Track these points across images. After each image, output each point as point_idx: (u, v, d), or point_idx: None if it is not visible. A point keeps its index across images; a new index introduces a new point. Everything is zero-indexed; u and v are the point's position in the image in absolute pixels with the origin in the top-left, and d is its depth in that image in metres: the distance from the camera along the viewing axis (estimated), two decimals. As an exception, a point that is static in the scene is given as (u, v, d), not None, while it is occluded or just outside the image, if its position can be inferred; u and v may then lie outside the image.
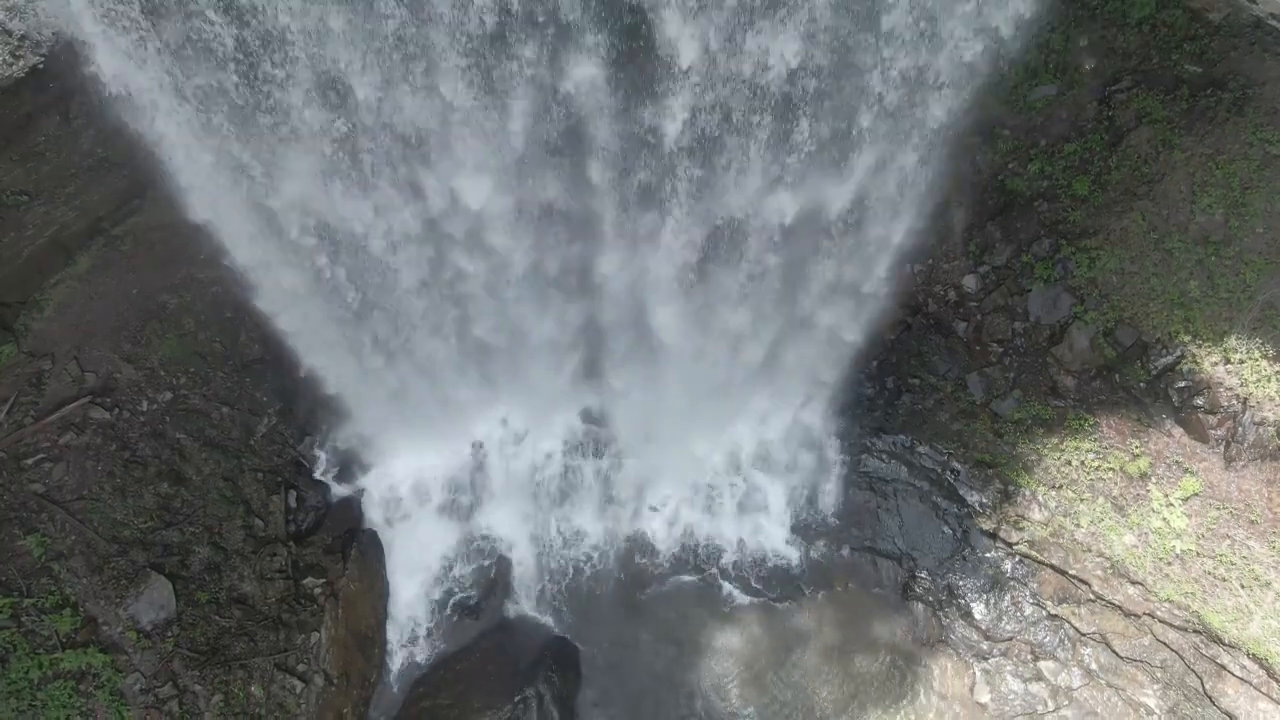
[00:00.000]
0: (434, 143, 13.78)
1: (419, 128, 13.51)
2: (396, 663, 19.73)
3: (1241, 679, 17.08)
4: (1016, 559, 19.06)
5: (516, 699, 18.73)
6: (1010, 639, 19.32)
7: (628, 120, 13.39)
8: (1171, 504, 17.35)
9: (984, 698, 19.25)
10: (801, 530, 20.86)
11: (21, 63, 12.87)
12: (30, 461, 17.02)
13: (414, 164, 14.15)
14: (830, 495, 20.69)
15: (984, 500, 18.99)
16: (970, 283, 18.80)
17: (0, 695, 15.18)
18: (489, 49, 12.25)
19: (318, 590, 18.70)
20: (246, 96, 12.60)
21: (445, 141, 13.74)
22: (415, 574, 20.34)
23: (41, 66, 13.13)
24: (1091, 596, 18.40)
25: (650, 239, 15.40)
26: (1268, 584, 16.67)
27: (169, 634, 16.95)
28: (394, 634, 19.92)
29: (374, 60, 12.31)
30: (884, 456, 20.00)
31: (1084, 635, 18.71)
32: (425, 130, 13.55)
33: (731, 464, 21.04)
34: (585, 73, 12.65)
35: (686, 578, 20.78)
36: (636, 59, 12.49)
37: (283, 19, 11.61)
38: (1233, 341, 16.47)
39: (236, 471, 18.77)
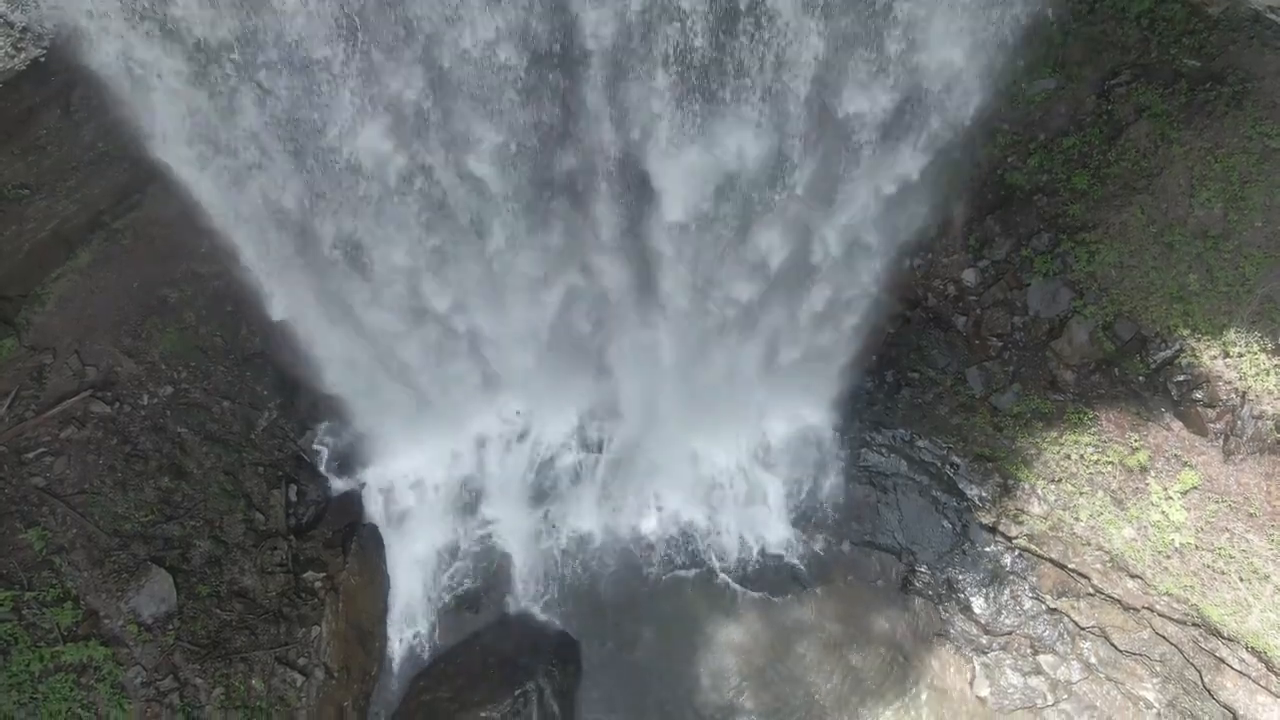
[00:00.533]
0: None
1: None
2: (397, 657, 19.77)
3: (1240, 672, 17.10)
4: (1016, 553, 19.09)
5: (517, 693, 18.73)
6: (1010, 633, 19.35)
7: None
8: (1170, 497, 17.38)
9: (983, 691, 19.28)
10: (801, 525, 20.87)
11: (23, 55, 12.86)
12: (31, 455, 17.06)
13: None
14: (830, 490, 20.71)
15: (983, 494, 19.02)
16: (970, 277, 18.82)
17: (1, 688, 15.20)
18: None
19: (318, 584, 18.74)
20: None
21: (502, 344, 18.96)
22: (416, 568, 20.35)
23: (43, 60, 13.17)
24: (1091, 590, 18.43)
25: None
26: (1266, 577, 16.69)
27: (170, 627, 16.99)
28: (394, 628, 19.96)
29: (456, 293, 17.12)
30: (883, 451, 20.02)
31: (1083, 629, 18.74)
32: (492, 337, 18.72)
33: (732, 459, 21.06)
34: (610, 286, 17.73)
35: (686, 572, 20.80)
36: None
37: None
38: (1232, 335, 16.48)
39: (237, 465, 18.80)
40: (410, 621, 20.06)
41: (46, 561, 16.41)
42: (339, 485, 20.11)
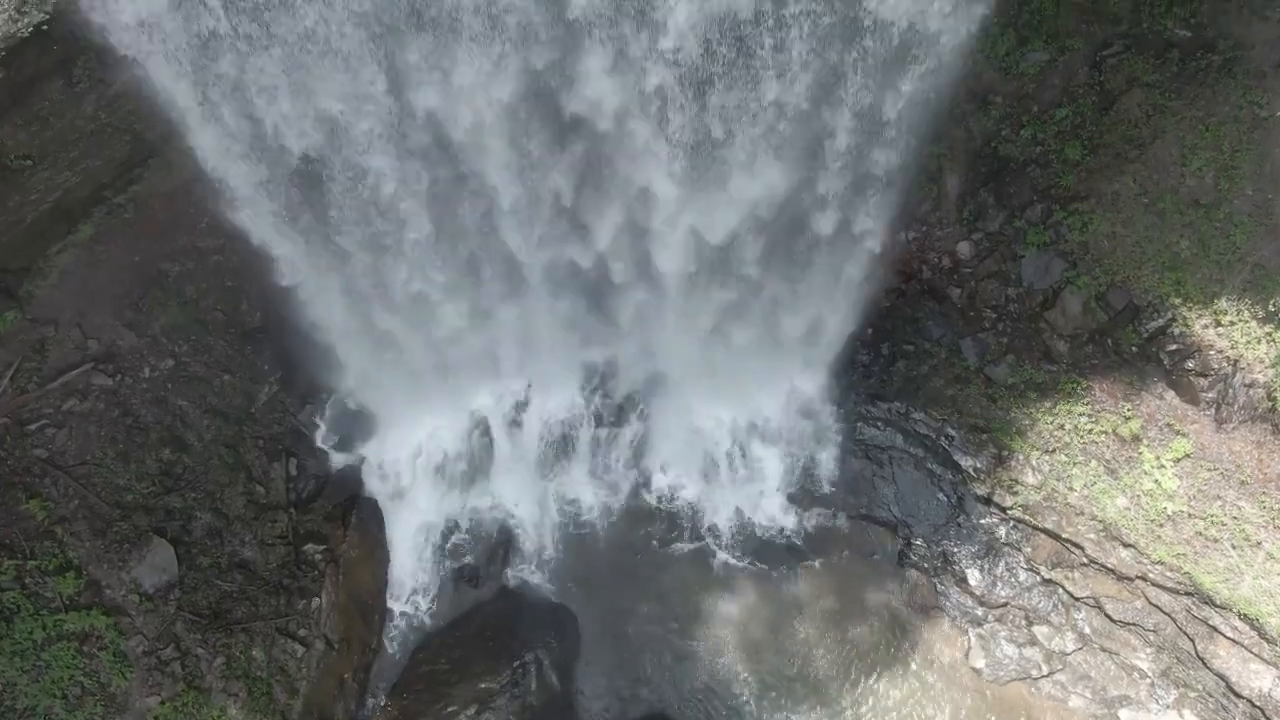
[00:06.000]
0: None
1: None
2: (397, 629, 19.92)
3: (1233, 640, 17.24)
4: (1010, 524, 19.22)
5: (516, 664, 18.89)
6: (1005, 604, 19.49)
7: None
8: (1163, 465, 17.52)
9: (979, 663, 19.42)
10: (798, 498, 21.02)
11: (26, 20, 12.99)
12: (33, 427, 17.16)
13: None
14: (827, 463, 20.86)
15: (978, 465, 19.15)
16: (964, 249, 18.95)
17: (5, 654, 15.31)
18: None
19: (318, 556, 18.88)
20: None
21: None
22: (415, 542, 20.54)
23: (46, 27, 13.30)
24: (1085, 560, 18.56)
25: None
26: (1258, 544, 16.84)
27: (171, 597, 17.13)
28: (394, 601, 20.11)
29: None
30: (880, 424, 20.14)
31: (1078, 599, 18.87)
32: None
33: (729, 433, 21.19)
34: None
35: (684, 546, 20.94)
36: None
37: None
38: (1223, 303, 16.64)
39: (237, 439, 18.92)
40: (410, 594, 20.22)
41: (49, 532, 16.52)
42: (339, 459, 20.22)
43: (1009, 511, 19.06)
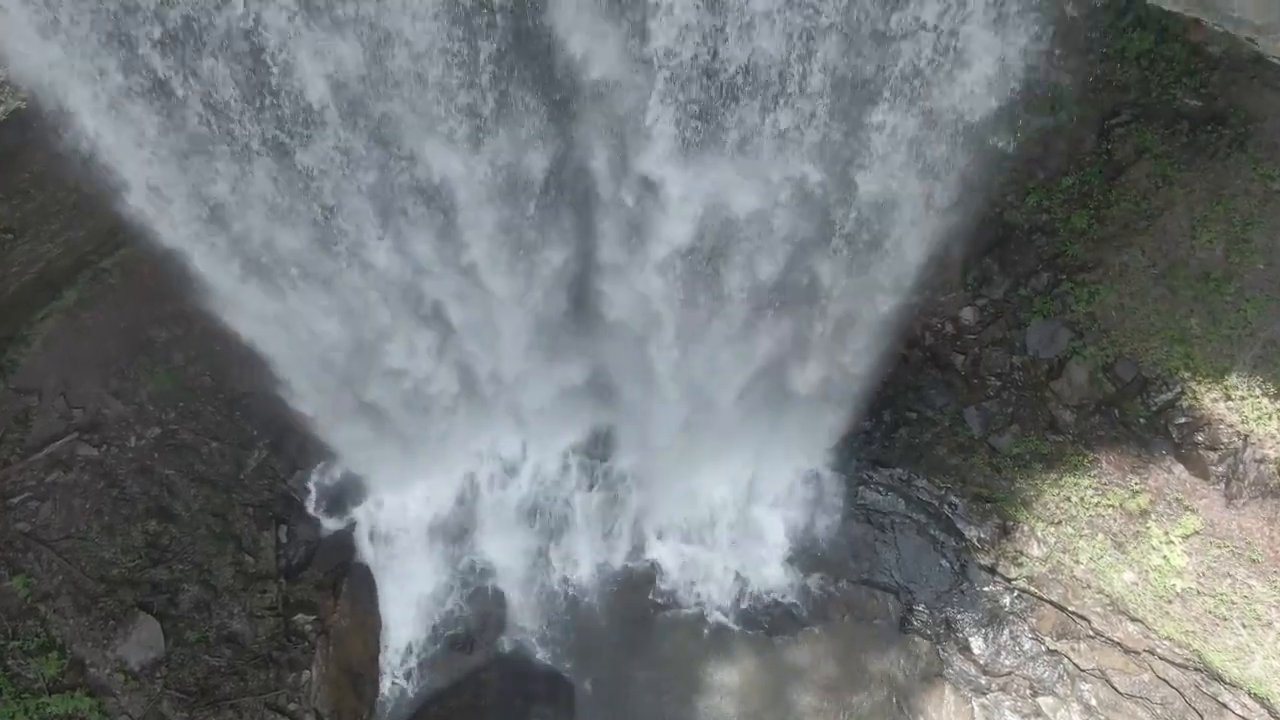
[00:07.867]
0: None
1: None
2: (389, 699, 19.47)
3: (1242, 718, 16.89)
4: (1015, 593, 18.86)
5: (510, 736, 18.57)
6: (1009, 674, 19.12)
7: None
8: (1171, 541, 17.16)
9: (982, 733, 19.07)
10: (798, 563, 20.60)
11: (3, 108, 12.73)
12: (16, 500, 16.86)
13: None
14: (827, 528, 20.43)
15: (982, 535, 18.79)
16: (968, 315, 18.58)
17: (-15, 741, 15.02)
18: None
19: (309, 627, 18.48)
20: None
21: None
22: (408, 608, 20.06)
23: (24, 108, 12.98)
24: (1091, 633, 18.21)
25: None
26: (1269, 624, 16.47)
27: (158, 675, 16.80)
28: (386, 670, 19.65)
29: None
30: (881, 489, 19.77)
31: (1083, 671, 18.50)
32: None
33: (728, 496, 20.78)
34: None
35: (682, 611, 20.52)
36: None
37: None
38: (1234, 378, 16.26)
39: (226, 507, 18.54)
40: (402, 663, 19.77)
41: (32, 609, 16.23)
42: (330, 525, 19.78)
43: (1013, 582, 18.69)
